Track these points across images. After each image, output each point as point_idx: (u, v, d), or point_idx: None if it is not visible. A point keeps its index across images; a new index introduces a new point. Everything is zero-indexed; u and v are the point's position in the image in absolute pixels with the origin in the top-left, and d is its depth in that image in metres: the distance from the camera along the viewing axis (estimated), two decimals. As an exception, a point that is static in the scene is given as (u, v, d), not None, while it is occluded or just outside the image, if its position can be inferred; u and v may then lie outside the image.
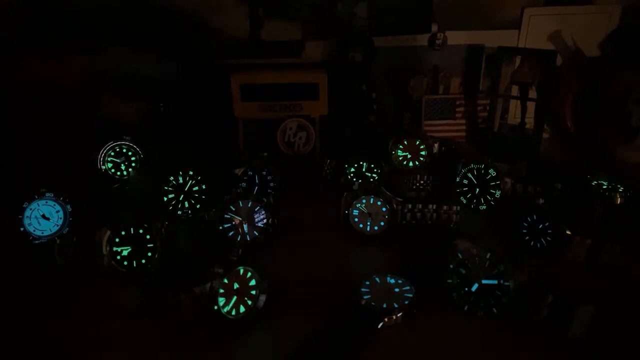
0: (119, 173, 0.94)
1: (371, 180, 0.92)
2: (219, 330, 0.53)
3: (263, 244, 0.72)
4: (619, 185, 0.81)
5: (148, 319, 0.56)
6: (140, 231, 0.65)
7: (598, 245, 0.65)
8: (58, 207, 0.73)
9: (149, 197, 0.81)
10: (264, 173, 0.87)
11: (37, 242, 0.72)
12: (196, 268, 0.55)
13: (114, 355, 0.52)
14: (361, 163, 0.93)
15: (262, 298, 0.56)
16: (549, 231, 0.68)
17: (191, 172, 0.80)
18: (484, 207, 0.81)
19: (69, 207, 0.74)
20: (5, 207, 0.74)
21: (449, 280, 0.56)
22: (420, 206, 0.75)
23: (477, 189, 0.82)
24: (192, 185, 0.80)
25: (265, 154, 0.91)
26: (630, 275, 0.63)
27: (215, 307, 0.52)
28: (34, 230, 0.72)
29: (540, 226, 0.69)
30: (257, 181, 0.87)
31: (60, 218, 0.73)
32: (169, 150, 0.98)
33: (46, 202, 0.73)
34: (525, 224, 0.70)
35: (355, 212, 0.75)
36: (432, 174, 0.92)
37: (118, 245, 0.64)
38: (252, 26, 1.15)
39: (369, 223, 0.75)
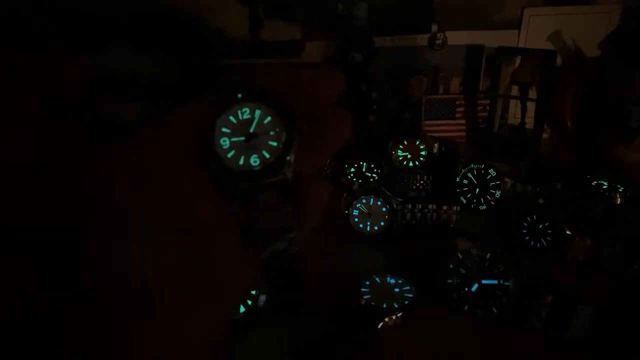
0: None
1: (371, 180, 0.92)
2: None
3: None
4: (619, 185, 0.81)
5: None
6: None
7: (598, 245, 0.65)
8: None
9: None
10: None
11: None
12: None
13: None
14: (361, 163, 0.93)
15: (262, 298, 0.56)
16: (549, 231, 0.68)
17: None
18: (484, 207, 0.81)
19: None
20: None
21: (449, 280, 0.56)
22: (420, 206, 0.75)
23: (477, 189, 0.82)
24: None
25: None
26: (630, 275, 0.63)
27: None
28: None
29: (540, 226, 0.69)
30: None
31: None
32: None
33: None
34: (525, 224, 0.70)
35: (355, 212, 0.75)
36: (432, 174, 0.92)
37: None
38: (252, 26, 1.15)
39: (369, 223, 0.75)
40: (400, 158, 0.99)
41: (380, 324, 0.53)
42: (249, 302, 0.55)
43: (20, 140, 0.21)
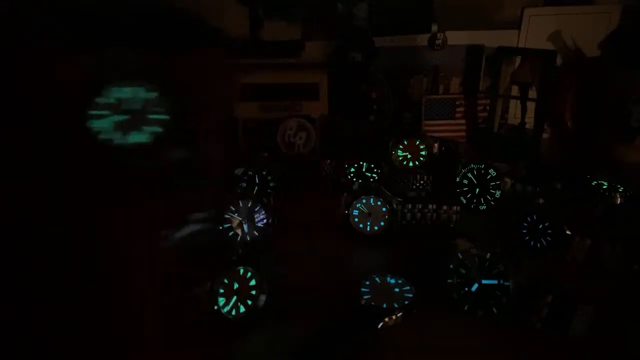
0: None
1: (371, 180, 0.92)
2: (219, 330, 0.53)
3: (263, 244, 0.72)
4: (619, 185, 0.81)
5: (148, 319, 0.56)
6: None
7: (598, 245, 0.65)
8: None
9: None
10: (264, 173, 0.87)
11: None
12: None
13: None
14: (361, 163, 0.93)
15: (262, 298, 0.56)
16: (549, 231, 0.68)
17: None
18: (484, 207, 0.81)
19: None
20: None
21: (449, 280, 0.56)
22: (420, 206, 0.75)
23: (477, 189, 0.82)
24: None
25: (266, 154, 0.91)
26: (630, 275, 0.63)
27: (215, 307, 0.52)
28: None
29: (540, 226, 0.69)
30: (257, 181, 0.87)
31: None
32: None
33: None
34: (525, 224, 0.70)
35: (355, 212, 0.75)
36: (432, 174, 0.92)
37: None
38: (252, 26, 1.15)
39: (369, 223, 0.75)
40: (400, 158, 0.99)
41: (380, 324, 0.53)
42: (249, 302, 0.55)
43: (21, 141, 0.21)
